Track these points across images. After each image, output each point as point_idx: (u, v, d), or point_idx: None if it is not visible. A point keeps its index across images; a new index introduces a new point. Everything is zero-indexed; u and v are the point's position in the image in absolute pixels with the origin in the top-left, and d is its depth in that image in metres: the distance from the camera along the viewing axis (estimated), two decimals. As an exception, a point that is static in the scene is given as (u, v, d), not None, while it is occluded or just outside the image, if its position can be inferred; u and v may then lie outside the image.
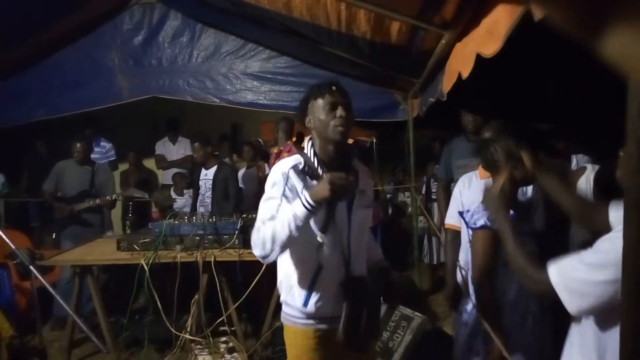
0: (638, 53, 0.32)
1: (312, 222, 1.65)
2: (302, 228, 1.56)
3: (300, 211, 1.53)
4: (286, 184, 1.65)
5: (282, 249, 1.61)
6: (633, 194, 0.79)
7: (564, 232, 2.10)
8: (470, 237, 2.04)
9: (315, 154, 1.70)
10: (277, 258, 1.70)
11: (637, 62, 0.33)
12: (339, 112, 1.62)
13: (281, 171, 1.67)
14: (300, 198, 1.56)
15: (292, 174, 1.66)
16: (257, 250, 1.64)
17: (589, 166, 2.60)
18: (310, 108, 1.70)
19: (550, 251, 1.99)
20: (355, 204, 1.75)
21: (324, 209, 1.62)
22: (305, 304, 1.71)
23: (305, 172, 1.68)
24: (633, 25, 0.31)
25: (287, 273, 1.79)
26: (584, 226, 1.72)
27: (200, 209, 4.20)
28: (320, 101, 1.66)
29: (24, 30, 4.09)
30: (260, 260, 1.66)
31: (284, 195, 1.63)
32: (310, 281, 1.72)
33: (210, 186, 4.31)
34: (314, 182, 1.67)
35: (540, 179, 1.77)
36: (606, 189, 2.18)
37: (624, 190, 0.86)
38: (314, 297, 1.72)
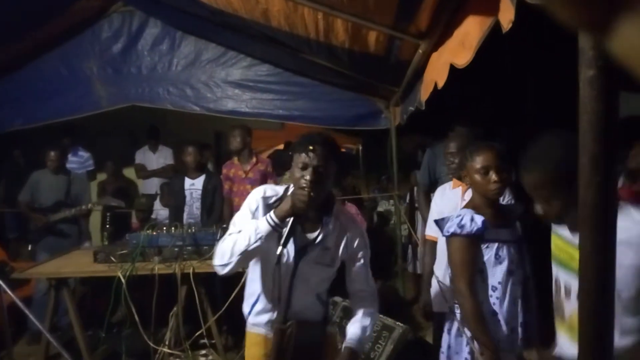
0: None
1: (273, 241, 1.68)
2: (263, 244, 1.62)
3: (263, 225, 1.62)
4: (257, 209, 1.74)
5: (240, 261, 1.66)
6: (587, 207, 0.78)
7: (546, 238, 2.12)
8: (446, 247, 2.03)
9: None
10: (233, 271, 1.71)
11: None
12: (307, 175, 1.61)
13: (256, 197, 1.77)
14: (266, 215, 1.65)
15: (261, 203, 1.75)
16: (216, 260, 1.71)
17: None
18: (293, 156, 1.69)
19: (533, 257, 2.02)
20: (309, 256, 1.74)
21: (287, 228, 1.65)
22: (249, 314, 1.87)
23: (272, 208, 1.72)
24: None
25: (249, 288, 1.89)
26: None
27: (190, 221, 4.09)
28: (296, 156, 1.66)
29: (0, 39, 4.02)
30: (218, 270, 1.71)
31: (254, 217, 1.72)
32: (255, 298, 1.84)
33: (199, 196, 4.24)
34: (263, 216, 1.71)
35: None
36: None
37: (579, 203, 0.85)
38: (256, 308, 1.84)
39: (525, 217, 2.01)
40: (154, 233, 3.39)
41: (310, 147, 1.63)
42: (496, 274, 1.88)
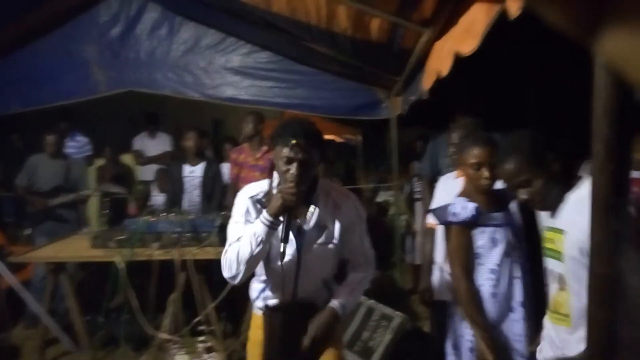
0: (635, 52, 0.32)
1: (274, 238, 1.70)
2: (265, 246, 1.64)
3: (259, 228, 1.63)
4: (247, 211, 1.76)
5: (249, 267, 1.68)
6: (599, 193, 0.78)
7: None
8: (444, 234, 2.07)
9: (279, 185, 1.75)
10: (245, 278, 1.73)
11: (635, 61, 0.33)
12: (292, 170, 1.62)
13: (244, 197, 1.79)
14: (259, 217, 1.65)
15: (249, 203, 1.76)
16: (225, 272, 1.72)
17: None
18: (276, 148, 1.70)
19: (526, 241, 2.05)
20: (308, 240, 1.75)
21: (283, 224, 1.65)
22: (256, 299, 1.90)
23: (262, 204, 1.75)
24: (631, 25, 0.31)
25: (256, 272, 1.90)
26: None
27: (190, 208, 4.06)
28: (279, 150, 1.66)
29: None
30: (230, 282, 1.74)
31: (246, 220, 1.74)
32: (263, 284, 1.88)
33: (198, 184, 4.22)
34: (257, 219, 1.72)
35: None
36: None
37: (592, 189, 0.84)
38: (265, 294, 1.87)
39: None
40: (153, 219, 3.38)
41: (293, 142, 1.62)
42: (493, 257, 1.94)
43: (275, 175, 1.78)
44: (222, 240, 3.26)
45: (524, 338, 1.93)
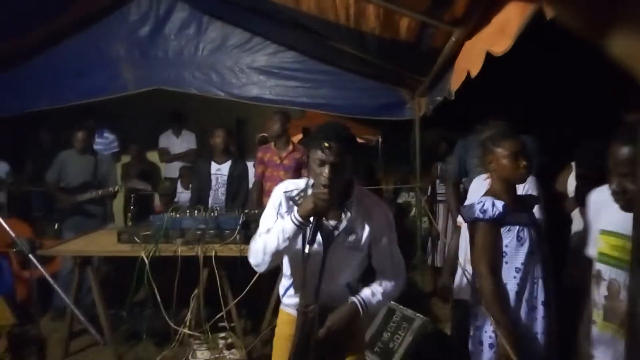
0: None
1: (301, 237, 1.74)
2: (291, 243, 1.69)
3: (289, 226, 1.68)
4: (280, 205, 1.81)
5: (273, 259, 1.74)
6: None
7: (564, 224, 2.14)
8: (469, 232, 2.10)
9: (313, 187, 1.78)
10: (269, 268, 1.79)
11: None
12: (324, 172, 1.64)
13: (279, 192, 1.84)
14: (290, 215, 1.70)
15: (283, 198, 1.81)
16: (251, 259, 1.80)
17: (573, 164, 2.71)
18: (310, 150, 1.72)
19: (549, 241, 2.05)
20: (336, 243, 1.77)
21: (311, 225, 1.68)
22: (283, 295, 1.97)
23: (295, 201, 1.79)
24: None
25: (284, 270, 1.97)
26: None
27: (214, 205, 4.06)
28: (312, 152, 1.69)
29: (29, 19, 4.06)
30: (255, 268, 1.81)
31: (279, 213, 1.80)
32: (289, 281, 1.93)
33: (224, 181, 4.25)
34: (287, 217, 1.76)
35: None
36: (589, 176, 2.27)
37: (636, 192, 0.83)
38: (290, 292, 1.94)
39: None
40: (178, 215, 3.42)
41: (326, 144, 1.63)
42: (519, 256, 1.95)
43: (311, 180, 1.82)
44: (246, 238, 3.30)
45: (545, 337, 1.95)
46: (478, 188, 2.43)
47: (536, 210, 2.15)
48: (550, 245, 2.08)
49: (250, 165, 4.62)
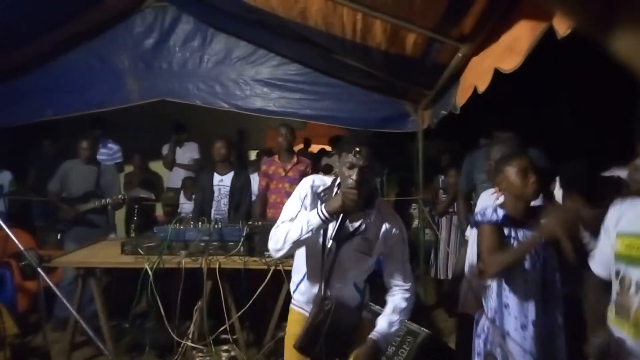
0: None
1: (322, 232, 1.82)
2: (313, 235, 1.76)
3: (315, 219, 1.74)
4: (305, 197, 1.87)
5: (292, 248, 1.81)
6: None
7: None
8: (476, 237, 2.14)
9: (338, 187, 1.87)
10: (286, 255, 1.86)
11: None
12: (355, 175, 1.72)
13: (307, 185, 1.91)
14: (316, 209, 1.76)
15: (310, 191, 1.88)
16: (271, 244, 1.84)
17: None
18: (341, 154, 1.81)
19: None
20: (350, 244, 1.85)
21: (336, 222, 1.76)
22: (294, 292, 2.03)
23: (320, 197, 1.88)
24: None
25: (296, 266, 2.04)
26: None
27: (217, 217, 4.07)
28: (344, 155, 1.77)
29: (34, 30, 4.08)
30: (272, 254, 1.86)
31: (303, 204, 1.86)
32: (301, 277, 1.99)
33: (227, 192, 4.25)
34: (314, 210, 1.83)
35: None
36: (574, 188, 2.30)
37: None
38: (301, 288, 2.00)
39: None
40: (181, 227, 3.41)
41: (357, 149, 1.72)
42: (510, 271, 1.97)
43: (338, 180, 1.90)
44: (250, 250, 3.30)
45: (532, 356, 1.95)
46: (486, 202, 2.45)
47: None
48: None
49: (252, 176, 4.62)
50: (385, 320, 1.89)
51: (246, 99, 4.65)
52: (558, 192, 2.66)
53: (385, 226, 1.87)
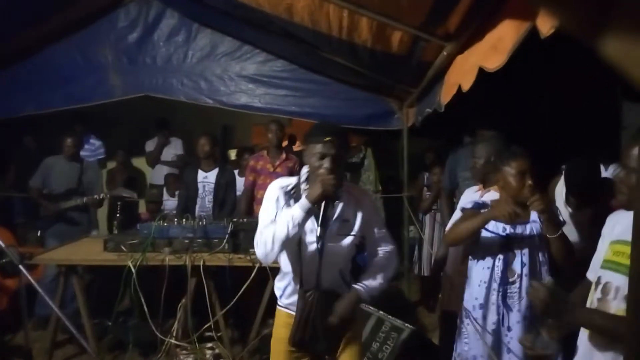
0: (637, 53, 0.34)
1: (309, 223, 1.85)
2: (300, 229, 1.78)
3: (298, 212, 1.77)
4: (277, 199, 1.91)
5: (281, 248, 1.83)
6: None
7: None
8: None
9: (306, 181, 1.93)
10: (276, 258, 1.90)
11: (637, 62, 0.34)
12: (327, 164, 1.78)
13: (275, 188, 1.94)
14: (298, 203, 1.80)
15: (280, 193, 1.91)
16: (259, 249, 1.85)
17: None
18: (308, 146, 1.86)
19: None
20: (331, 231, 1.88)
21: (319, 210, 1.81)
22: (280, 297, 2.04)
23: (290, 195, 1.91)
24: (633, 26, 0.33)
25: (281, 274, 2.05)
26: None
27: (201, 214, 4.04)
28: (312, 147, 1.83)
29: (16, 24, 4.00)
30: (262, 259, 1.88)
31: (278, 206, 1.89)
32: (287, 282, 2.00)
33: (211, 189, 4.22)
34: (296, 204, 1.86)
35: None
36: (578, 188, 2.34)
37: (634, 212, 0.85)
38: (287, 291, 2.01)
39: None
40: (165, 224, 3.38)
41: (328, 138, 1.79)
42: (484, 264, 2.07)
43: (305, 175, 1.94)
44: (234, 247, 3.29)
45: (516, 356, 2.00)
46: (468, 199, 2.46)
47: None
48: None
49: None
50: (370, 273, 1.97)
51: (231, 95, 4.62)
52: (561, 189, 2.67)
53: (360, 205, 1.94)
